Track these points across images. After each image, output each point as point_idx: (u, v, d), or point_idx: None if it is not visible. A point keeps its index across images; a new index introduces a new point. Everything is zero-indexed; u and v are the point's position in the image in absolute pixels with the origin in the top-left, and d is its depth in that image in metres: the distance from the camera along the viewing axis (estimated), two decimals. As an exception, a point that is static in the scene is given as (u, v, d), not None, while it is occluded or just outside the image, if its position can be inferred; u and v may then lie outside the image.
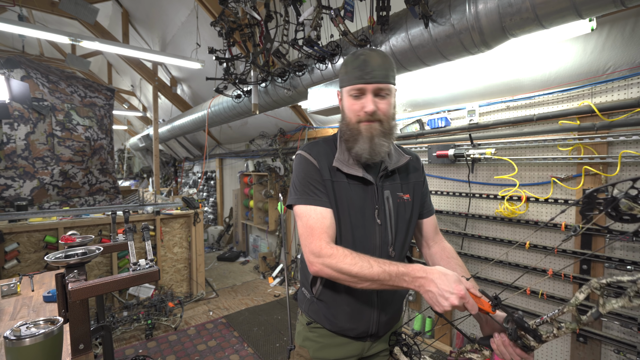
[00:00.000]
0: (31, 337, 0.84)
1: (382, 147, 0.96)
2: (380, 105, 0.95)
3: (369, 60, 0.94)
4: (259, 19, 2.51)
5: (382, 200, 1.01)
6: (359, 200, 1.00)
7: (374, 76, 0.93)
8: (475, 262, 2.52)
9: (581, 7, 1.24)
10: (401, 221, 1.04)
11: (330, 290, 1.04)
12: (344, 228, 0.99)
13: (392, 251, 1.02)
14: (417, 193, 1.09)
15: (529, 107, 2.16)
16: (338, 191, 0.99)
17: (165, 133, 5.84)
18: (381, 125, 0.96)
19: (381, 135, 0.96)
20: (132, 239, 1.52)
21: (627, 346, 1.77)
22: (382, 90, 0.95)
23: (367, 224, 1.00)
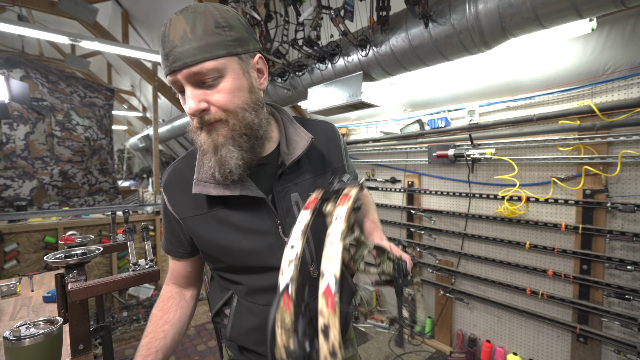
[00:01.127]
0: (31, 337, 0.84)
1: (232, 159, 0.67)
2: (211, 98, 0.64)
3: (168, 33, 0.61)
4: (259, 19, 2.51)
5: (287, 209, 0.76)
6: (249, 223, 0.75)
7: (178, 57, 0.60)
8: (475, 262, 2.52)
9: (581, 7, 1.24)
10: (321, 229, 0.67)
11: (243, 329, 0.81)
12: (236, 262, 0.77)
13: (314, 270, 0.78)
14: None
15: (529, 107, 2.16)
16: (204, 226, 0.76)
17: (165, 133, 5.84)
18: (227, 126, 0.67)
19: (230, 143, 0.67)
20: (132, 239, 1.52)
21: (627, 346, 1.77)
22: (202, 75, 0.62)
23: (272, 248, 0.75)
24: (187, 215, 0.77)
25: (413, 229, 2.91)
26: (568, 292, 2.06)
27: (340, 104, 2.28)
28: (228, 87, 0.64)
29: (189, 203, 0.76)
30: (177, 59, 0.60)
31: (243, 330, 0.81)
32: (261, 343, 0.81)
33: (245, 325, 0.80)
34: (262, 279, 0.77)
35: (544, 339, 2.17)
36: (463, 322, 2.64)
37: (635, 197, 1.79)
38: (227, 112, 0.66)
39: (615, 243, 1.86)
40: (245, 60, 0.67)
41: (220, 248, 0.76)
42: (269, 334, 0.50)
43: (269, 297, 0.77)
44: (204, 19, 0.61)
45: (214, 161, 0.68)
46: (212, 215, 0.75)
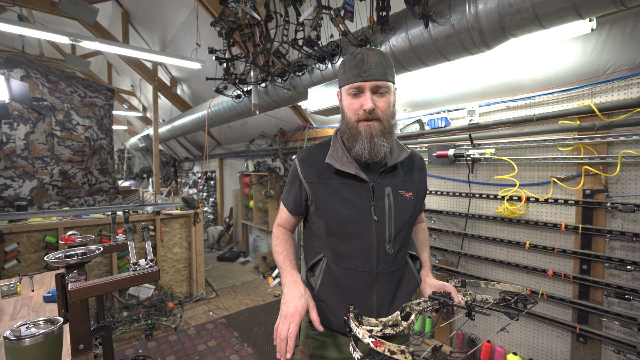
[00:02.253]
0: (31, 337, 0.84)
1: (381, 146, 0.96)
2: (379, 104, 0.95)
3: (366, 59, 0.94)
4: (259, 19, 2.51)
5: (380, 196, 1.01)
6: (353, 197, 1.00)
7: (371, 74, 0.93)
8: (475, 262, 2.52)
9: (581, 7, 1.24)
10: (401, 218, 1.02)
11: (328, 287, 1.04)
12: (335, 225, 1.01)
13: (390, 248, 1.01)
14: (420, 192, 1.10)
15: (529, 107, 2.16)
16: (324, 191, 1.03)
17: (165, 133, 5.84)
18: (380, 124, 0.96)
19: (380, 135, 0.96)
20: (132, 239, 1.52)
21: (627, 346, 1.77)
22: (380, 87, 0.94)
23: (362, 221, 0.99)
24: (311, 181, 1.05)
25: (413, 229, 2.91)
26: (568, 292, 2.06)
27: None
28: (389, 99, 0.97)
29: (315, 174, 1.05)
30: (371, 75, 0.93)
31: (327, 287, 1.05)
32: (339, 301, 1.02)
33: (330, 283, 1.04)
34: (348, 246, 1.01)
35: (544, 339, 2.17)
36: (463, 322, 2.64)
37: (635, 197, 1.79)
38: (384, 114, 0.96)
39: (615, 243, 1.86)
40: (394, 88, 1.01)
41: (327, 209, 1.02)
42: None
43: (351, 263, 1.01)
44: (385, 58, 0.96)
45: (368, 146, 0.96)
46: (329, 185, 1.03)
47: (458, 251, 2.59)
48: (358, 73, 0.93)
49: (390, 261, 1.01)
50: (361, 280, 1.00)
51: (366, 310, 1.01)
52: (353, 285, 1.01)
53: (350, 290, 1.01)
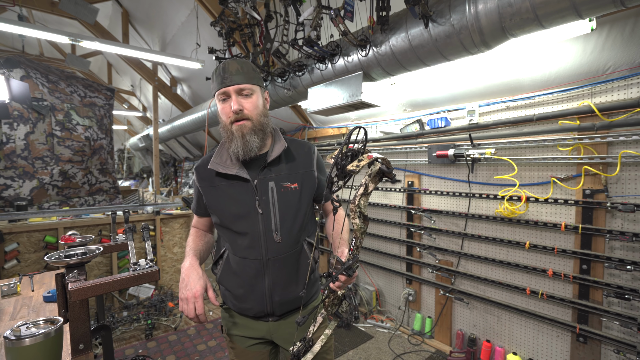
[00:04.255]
0: (31, 337, 0.84)
1: (253, 143, 1.06)
2: (245, 104, 1.06)
3: (227, 68, 1.06)
4: (259, 19, 2.51)
5: (264, 191, 1.10)
6: (239, 195, 1.11)
7: (233, 80, 1.04)
8: (475, 262, 2.52)
9: (581, 7, 1.24)
10: (286, 208, 1.11)
11: (227, 275, 1.17)
12: (227, 220, 1.13)
13: (278, 237, 1.10)
14: (306, 182, 1.16)
15: (529, 107, 2.16)
16: (213, 192, 1.15)
17: (165, 133, 5.84)
18: (251, 123, 1.07)
19: (252, 133, 1.06)
20: (132, 239, 1.52)
21: (627, 346, 1.77)
22: (243, 90, 1.06)
23: (249, 215, 1.10)
24: (202, 185, 1.17)
25: (413, 229, 2.91)
26: (568, 292, 2.06)
27: (340, 104, 2.28)
28: (255, 100, 1.08)
29: (205, 178, 1.17)
30: (233, 80, 1.05)
31: (226, 275, 1.18)
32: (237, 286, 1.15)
33: (228, 271, 1.17)
34: (239, 238, 1.12)
35: (544, 339, 2.18)
36: (463, 322, 2.65)
37: (634, 197, 1.79)
38: (252, 113, 1.07)
39: (615, 243, 1.86)
40: (262, 91, 1.14)
41: (217, 208, 1.15)
42: None
43: (244, 252, 1.12)
44: (246, 65, 1.08)
45: (241, 144, 1.06)
46: (217, 187, 1.14)
47: (458, 251, 2.59)
48: (222, 80, 1.05)
49: (280, 248, 1.10)
50: (253, 267, 1.11)
51: (259, 293, 1.12)
52: (246, 272, 1.12)
53: (244, 276, 1.12)
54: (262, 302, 1.12)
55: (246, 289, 1.13)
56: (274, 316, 1.15)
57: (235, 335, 1.21)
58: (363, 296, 3.33)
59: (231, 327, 1.22)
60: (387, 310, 3.31)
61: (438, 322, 2.77)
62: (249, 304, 1.14)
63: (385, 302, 3.35)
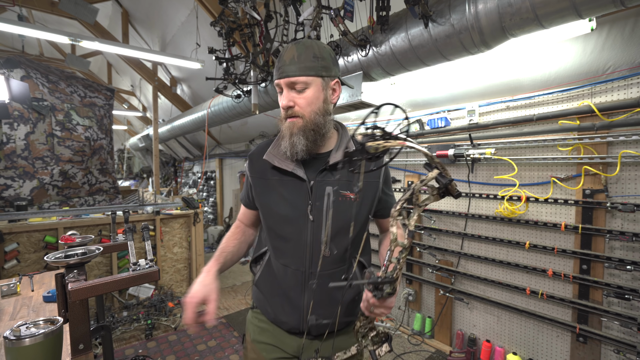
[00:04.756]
0: (31, 337, 0.84)
1: (299, 145, 0.93)
2: (297, 100, 0.92)
3: (283, 55, 0.93)
4: (259, 19, 2.51)
5: (319, 196, 0.96)
6: (291, 195, 0.98)
7: (284, 71, 0.91)
8: (475, 262, 2.52)
9: (581, 7, 1.24)
10: (340, 220, 0.96)
11: (266, 279, 1.07)
12: (272, 221, 1.01)
13: (327, 250, 0.96)
14: (369, 194, 1.01)
15: (529, 107, 2.16)
16: (263, 186, 1.03)
17: (165, 133, 5.84)
18: (303, 121, 0.93)
19: (300, 133, 0.93)
20: (132, 239, 1.52)
21: (627, 346, 1.77)
22: (295, 84, 0.91)
23: (298, 219, 0.97)
24: (253, 176, 1.06)
25: (413, 229, 2.91)
26: (568, 292, 2.06)
27: (340, 104, 2.28)
28: (310, 95, 0.93)
29: (258, 168, 1.05)
30: (284, 72, 0.91)
31: (265, 279, 1.07)
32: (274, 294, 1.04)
33: (267, 276, 1.06)
34: (283, 243, 1.00)
35: (544, 339, 2.18)
36: (463, 322, 2.65)
37: (634, 197, 1.79)
38: (304, 111, 0.93)
39: (615, 243, 1.86)
40: (326, 81, 0.95)
41: (265, 205, 1.03)
42: None
43: (286, 259, 1.00)
44: (307, 50, 0.91)
45: (288, 143, 0.94)
46: (268, 181, 1.02)
47: (458, 251, 2.59)
48: (276, 70, 0.94)
49: (328, 263, 0.97)
50: (293, 278, 0.99)
51: (296, 308, 0.99)
52: (286, 282, 1.00)
53: (284, 285, 1.01)
54: (299, 318, 0.99)
55: (283, 299, 1.01)
56: (310, 335, 1.01)
57: (262, 342, 1.06)
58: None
59: (259, 333, 1.08)
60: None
61: (438, 322, 2.77)
62: (283, 317, 1.01)
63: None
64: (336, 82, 0.97)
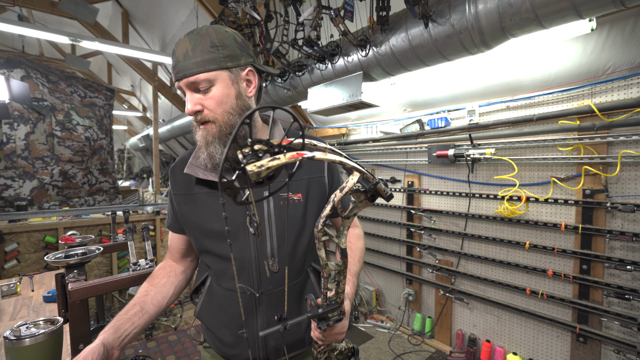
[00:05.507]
0: (31, 337, 0.84)
1: (217, 154, 0.77)
2: (205, 102, 0.76)
3: (176, 50, 0.76)
4: (259, 19, 2.51)
5: (257, 204, 0.84)
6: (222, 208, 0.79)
7: (179, 69, 0.74)
8: (475, 262, 2.52)
9: (581, 7, 1.24)
10: (287, 226, 0.85)
11: (209, 309, 0.91)
12: (207, 242, 0.86)
13: (275, 264, 0.84)
14: (313, 191, 0.88)
15: (529, 107, 2.16)
16: (189, 203, 0.87)
17: (165, 133, 5.84)
18: (217, 127, 0.77)
19: (217, 141, 0.77)
20: (132, 239, 1.52)
21: (627, 346, 1.77)
22: (197, 83, 0.74)
23: (238, 234, 0.84)
24: (177, 192, 0.90)
25: (413, 229, 2.91)
26: (568, 292, 2.06)
27: (340, 104, 2.28)
28: (217, 94, 0.76)
29: (182, 183, 0.89)
30: (179, 71, 0.74)
31: (208, 310, 0.92)
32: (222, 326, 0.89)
33: (210, 306, 0.91)
34: (223, 264, 0.86)
35: (544, 339, 2.18)
36: (463, 322, 2.65)
37: (634, 197, 1.79)
38: (215, 114, 0.76)
39: (615, 243, 1.86)
40: (235, 73, 0.78)
41: (194, 224, 0.87)
42: None
43: (230, 283, 0.86)
44: (203, 40, 0.74)
45: (206, 154, 0.79)
46: (196, 196, 0.87)
47: (458, 251, 2.59)
48: (172, 71, 0.77)
49: (278, 280, 0.84)
50: (242, 303, 0.85)
51: (251, 336, 0.85)
52: (234, 308, 0.86)
53: (231, 313, 0.87)
54: (254, 346, 0.85)
55: (233, 329, 0.87)
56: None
57: None
58: (363, 296, 3.33)
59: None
60: (387, 310, 3.31)
61: (438, 322, 2.77)
62: (236, 349, 0.87)
63: (385, 302, 3.35)
64: (249, 71, 0.80)
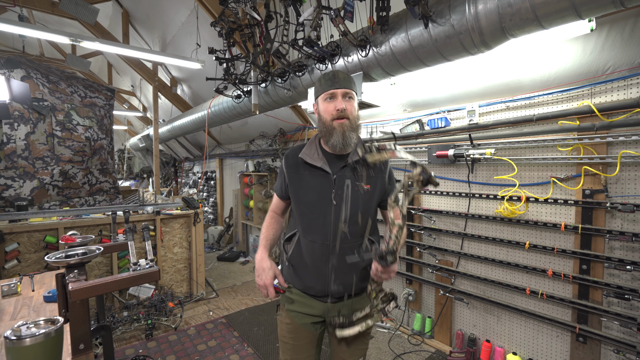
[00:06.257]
0: (31, 337, 0.85)
1: (352, 139, 1.22)
2: (347, 106, 1.21)
3: (337, 75, 1.23)
4: (259, 19, 2.51)
5: (340, 186, 1.24)
6: (318, 185, 1.27)
7: (341, 84, 1.21)
8: (475, 262, 2.52)
9: (580, 8, 1.25)
10: (356, 204, 1.25)
11: (297, 254, 1.33)
12: (303, 205, 1.30)
13: (346, 227, 1.24)
14: (377, 186, 1.30)
15: (529, 108, 2.16)
16: (296, 179, 1.31)
17: (165, 133, 5.85)
18: (350, 122, 1.21)
19: (351, 130, 1.22)
20: (132, 239, 1.53)
21: (627, 346, 1.77)
22: (348, 94, 1.22)
23: (324, 204, 1.25)
24: (289, 171, 1.34)
25: (413, 229, 2.91)
26: (567, 292, 2.06)
27: (340, 104, 2.28)
28: (355, 104, 1.26)
29: (293, 166, 1.33)
30: (341, 85, 1.22)
31: (296, 255, 1.33)
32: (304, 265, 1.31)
33: (298, 252, 1.33)
34: (311, 223, 1.28)
35: (544, 339, 2.18)
36: (463, 322, 2.65)
37: (634, 197, 1.79)
38: (351, 114, 1.23)
39: (615, 243, 1.86)
40: (357, 99, 1.29)
41: (298, 194, 1.31)
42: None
43: (314, 236, 1.27)
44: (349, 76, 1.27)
45: (341, 138, 1.21)
46: (301, 175, 1.30)
47: (458, 251, 2.59)
48: (331, 84, 1.22)
49: (346, 238, 1.24)
50: (319, 251, 1.25)
51: (321, 275, 1.27)
52: (313, 255, 1.27)
53: (311, 257, 1.28)
54: (324, 284, 1.26)
55: (312, 270, 1.28)
56: (332, 298, 1.28)
57: (293, 311, 1.34)
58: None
59: (290, 304, 1.35)
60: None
61: (438, 322, 2.78)
62: (311, 282, 1.29)
63: (385, 302, 3.34)
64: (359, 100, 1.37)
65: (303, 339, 1.33)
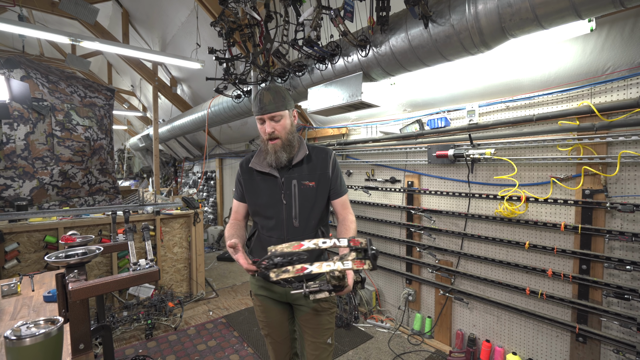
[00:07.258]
0: (31, 337, 0.85)
1: (282, 157, 1.37)
2: (276, 127, 1.36)
3: (262, 98, 1.34)
4: (259, 19, 2.51)
5: (288, 186, 1.41)
6: (268, 188, 1.43)
7: (266, 109, 1.34)
8: (475, 262, 2.52)
9: (580, 8, 1.25)
10: (305, 201, 1.41)
11: (257, 247, 1.50)
12: (259, 208, 1.46)
13: (296, 222, 1.41)
14: (322, 181, 1.44)
15: (529, 108, 2.17)
16: (250, 184, 1.48)
17: (165, 133, 5.85)
18: (281, 141, 1.37)
19: (281, 149, 1.37)
20: (132, 239, 1.53)
21: (627, 346, 1.77)
22: (274, 116, 1.35)
23: (275, 204, 1.41)
24: (244, 177, 1.50)
25: (413, 229, 2.91)
26: (567, 292, 2.06)
27: (340, 104, 2.29)
28: (285, 122, 1.38)
29: (246, 172, 1.49)
30: (266, 110, 1.34)
31: (256, 248, 1.50)
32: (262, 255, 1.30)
33: (258, 245, 1.49)
34: (267, 221, 1.44)
35: (544, 339, 2.18)
36: (463, 322, 2.65)
37: (634, 197, 1.79)
38: (281, 134, 1.37)
39: (615, 243, 1.86)
40: (290, 112, 1.42)
41: (253, 196, 1.47)
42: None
43: (270, 232, 1.43)
44: (279, 93, 1.36)
45: (274, 158, 1.37)
46: (254, 180, 1.47)
47: (458, 251, 2.59)
48: (258, 110, 1.36)
49: (298, 232, 1.40)
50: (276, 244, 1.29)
51: None
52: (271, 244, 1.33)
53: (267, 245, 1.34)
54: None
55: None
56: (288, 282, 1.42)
57: (261, 295, 1.52)
58: (363, 296, 3.34)
59: (258, 290, 1.53)
60: (387, 310, 3.31)
61: (438, 322, 2.78)
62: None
63: (385, 302, 3.35)
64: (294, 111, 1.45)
65: (274, 317, 1.52)
